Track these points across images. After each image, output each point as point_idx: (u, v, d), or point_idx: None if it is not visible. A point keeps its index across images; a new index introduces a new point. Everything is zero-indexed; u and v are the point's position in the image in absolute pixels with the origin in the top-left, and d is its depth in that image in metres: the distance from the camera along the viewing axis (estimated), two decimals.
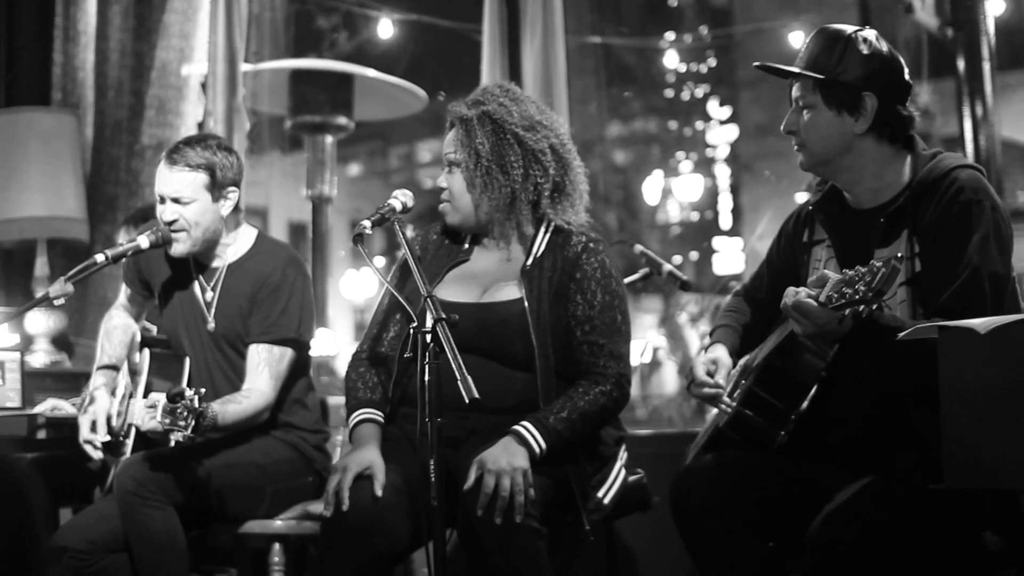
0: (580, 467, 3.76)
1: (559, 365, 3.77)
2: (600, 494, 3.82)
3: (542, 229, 3.91)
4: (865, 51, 3.40)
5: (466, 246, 3.99)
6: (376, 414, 3.84)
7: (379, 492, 3.58)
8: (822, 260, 3.55)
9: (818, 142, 3.44)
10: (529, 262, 3.85)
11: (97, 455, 4.32)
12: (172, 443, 3.97)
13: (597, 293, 3.81)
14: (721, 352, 3.72)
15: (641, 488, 4.23)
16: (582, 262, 3.83)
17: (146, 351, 4.43)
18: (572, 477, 3.71)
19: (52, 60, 6.72)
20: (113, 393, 4.46)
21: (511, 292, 3.83)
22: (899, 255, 2.99)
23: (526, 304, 3.77)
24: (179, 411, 3.70)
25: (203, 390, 3.77)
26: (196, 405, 3.72)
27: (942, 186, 3.34)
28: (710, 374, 3.64)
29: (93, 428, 4.30)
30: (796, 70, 3.44)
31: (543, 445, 3.60)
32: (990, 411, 2.77)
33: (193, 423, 3.71)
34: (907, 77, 3.46)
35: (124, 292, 4.69)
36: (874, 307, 2.98)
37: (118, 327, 4.64)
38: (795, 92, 3.48)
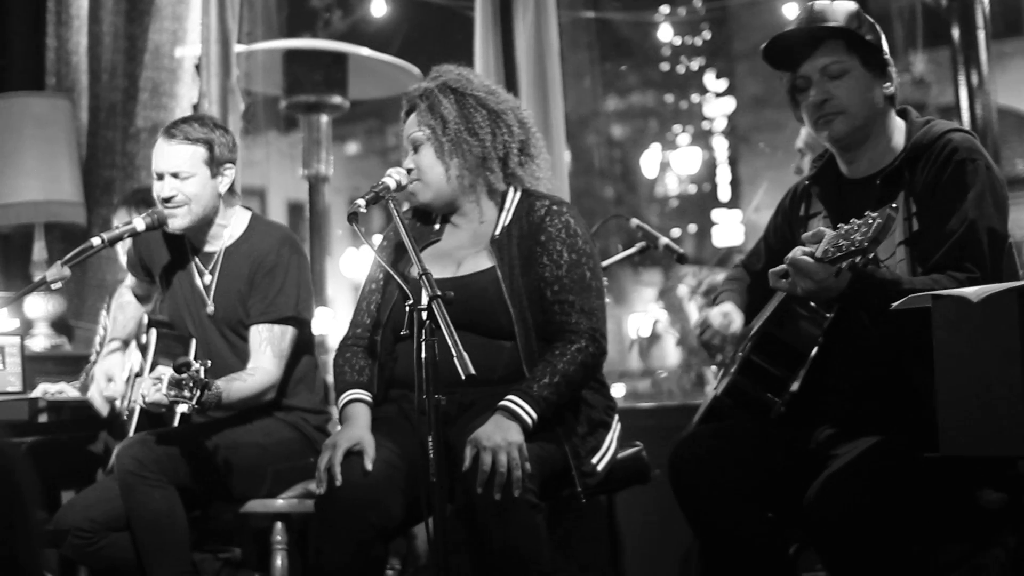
0: (569, 427, 3.78)
1: (539, 330, 3.80)
2: (594, 460, 3.83)
3: (509, 196, 3.95)
4: (870, 19, 3.44)
5: (436, 226, 4.02)
6: (364, 394, 3.87)
7: (369, 467, 3.61)
8: None
9: (860, 106, 3.44)
10: (498, 231, 3.89)
11: (105, 409, 4.35)
12: (177, 415, 4.00)
13: (563, 253, 3.83)
14: (731, 306, 3.73)
15: (640, 460, 4.23)
16: (546, 224, 3.86)
17: (152, 331, 4.44)
18: (563, 438, 3.74)
19: (45, 44, 6.71)
20: (125, 349, 4.50)
21: (483, 262, 3.87)
22: (894, 205, 3.00)
23: (498, 272, 3.81)
24: (184, 382, 3.71)
25: (208, 362, 3.79)
26: (202, 376, 3.73)
27: (936, 147, 3.38)
28: (723, 326, 3.68)
29: (109, 382, 4.35)
30: (835, 26, 3.42)
31: (534, 416, 3.62)
32: (984, 379, 2.78)
33: (198, 394, 3.72)
34: None
35: (129, 276, 4.71)
36: (870, 256, 2.99)
37: (130, 303, 4.68)
38: (820, 62, 3.45)
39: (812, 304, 3.44)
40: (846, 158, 3.54)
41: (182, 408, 3.77)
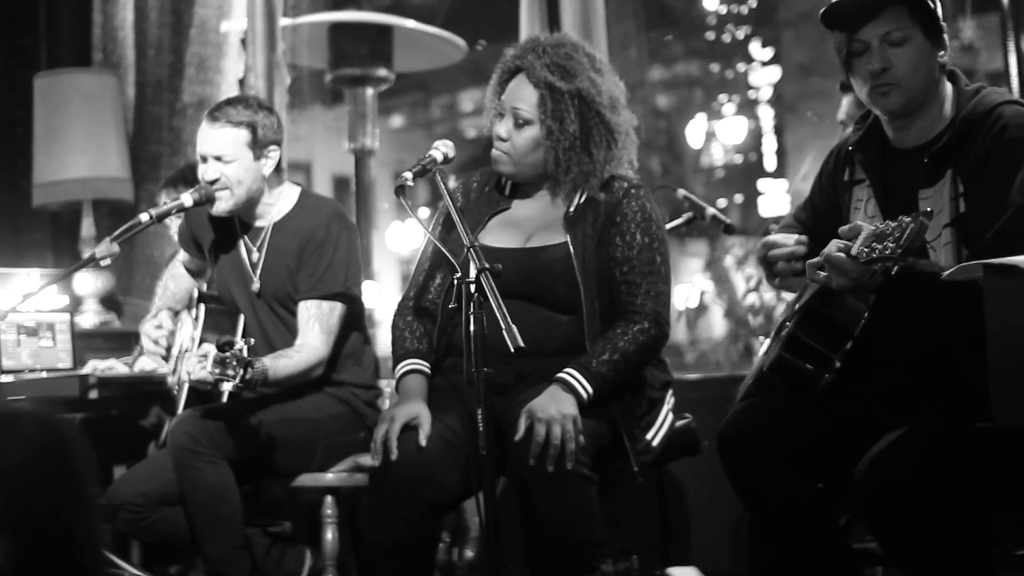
0: (627, 406, 3.78)
1: (603, 309, 3.78)
2: (648, 436, 3.83)
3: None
4: None
5: (507, 194, 3.99)
6: (423, 365, 3.86)
7: (423, 442, 3.61)
8: (863, 200, 3.50)
9: (917, 76, 3.33)
10: (572, 208, 3.86)
11: (154, 349, 4.37)
12: (224, 394, 4.01)
13: (636, 235, 3.81)
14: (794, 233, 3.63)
15: (690, 432, 4.23)
16: (623, 206, 3.83)
17: (202, 306, 4.47)
18: (620, 417, 3.73)
19: (92, 20, 6.75)
20: (176, 315, 4.53)
21: (555, 237, 3.84)
22: (928, 210, 2.94)
23: (571, 248, 3.78)
24: (228, 360, 3.73)
25: (252, 340, 3.80)
26: (245, 355, 3.74)
27: (986, 123, 3.28)
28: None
29: (159, 328, 4.40)
30: None
31: (589, 390, 3.61)
32: None
33: (242, 372, 3.74)
34: None
35: (181, 253, 4.73)
36: (903, 263, 2.94)
37: (183, 275, 4.72)
38: (881, 28, 3.32)
39: None
40: (895, 125, 3.46)
41: (226, 386, 3.79)
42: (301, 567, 4.59)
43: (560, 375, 3.63)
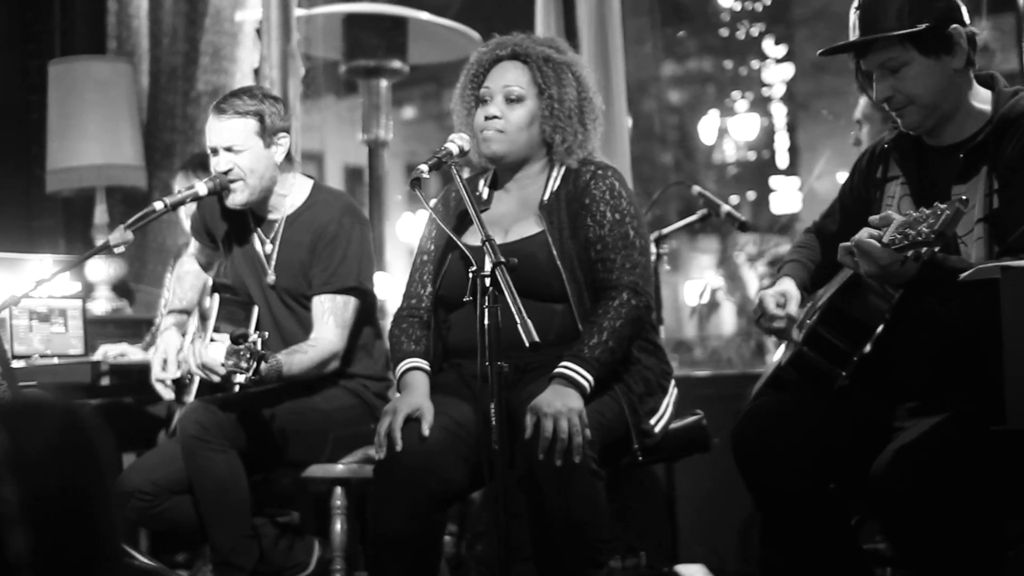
0: (626, 384, 3.81)
1: (590, 291, 3.82)
2: (652, 421, 3.83)
3: (556, 166, 3.96)
4: None
5: (484, 195, 4.04)
6: (422, 363, 3.89)
7: (426, 432, 3.63)
8: (895, 197, 3.49)
9: (927, 94, 3.32)
10: (546, 196, 3.90)
11: (168, 394, 4.38)
12: (236, 387, 4.01)
13: (606, 213, 3.84)
14: (789, 285, 3.66)
15: (701, 429, 4.22)
16: (591, 188, 3.87)
17: (216, 296, 4.47)
18: (621, 395, 3.75)
19: (106, 8, 6.74)
20: (183, 335, 4.51)
21: (532, 227, 3.89)
22: (964, 197, 2.93)
23: (548, 236, 3.82)
24: (241, 352, 3.72)
25: (266, 334, 3.79)
26: (259, 348, 3.74)
27: (1022, 122, 3.28)
28: (780, 306, 3.58)
29: (164, 367, 4.35)
30: (884, 36, 3.31)
31: (589, 379, 3.64)
32: None
33: (255, 365, 3.73)
34: None
35: (193, 243, 4.73)
36: (936, 249, 2.94)
37: (190, 272, 4.70)
38: (876, 60, 3.35)
39: None
40: (929, 135, 3.46)
41: (238, 379, 3.78)
42: (310, 558, 4.59)
43: (559, 370, 3.65)
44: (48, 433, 1.71)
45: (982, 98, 3.40)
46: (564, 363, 3.66)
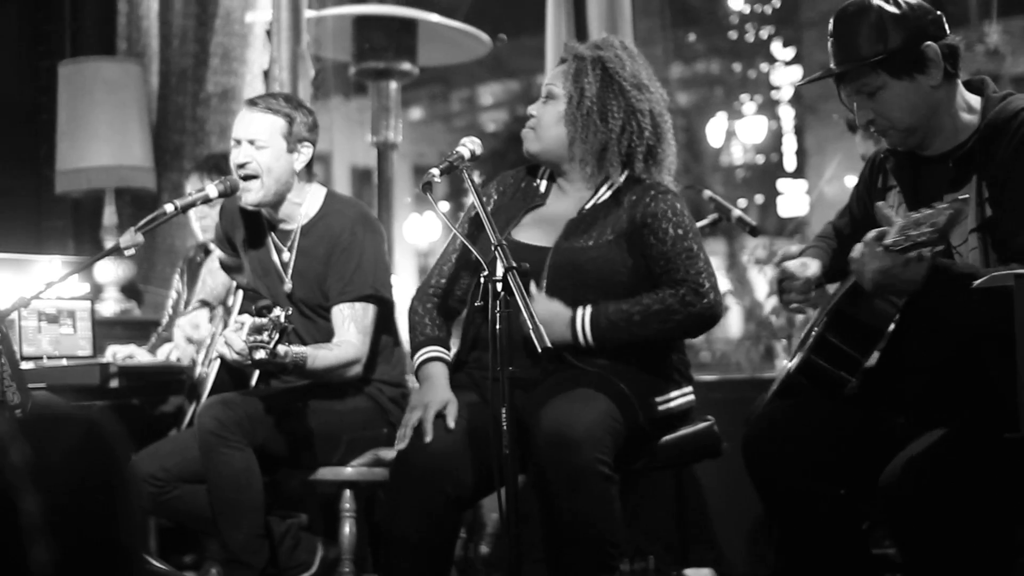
0: (635, 369, 3.79)
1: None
2: (657, 399, 3.82)
3: (619, 177, 3.91)
4: (895, 10, 3.27)
5: (542, 190, 4.00)
6: (444, 353, 3.89)
7: (452, 424, 3.66)
8: (894, 206, 3.48)
9: (905, 115, 3.31)
10: (589, 205, 3.89)
11: (188, 352, 4.38)
12: (254, 376, 3.99)
13: (668, 230, 3.81)
14: (811, 259, 3.66)
15: (712, 435, 4.21)
16: (652, 208, 3.83)
17: (240, 292, 4.49)
18: (630, 378, 3.74)
19: (117, 9, 6.75)
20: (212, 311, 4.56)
21: (585, 236, 3.85)
22: (964, 196, 2.93)
23: (588, 245, 3.81)
24: (265, 326, 3.70)
25: (290, 309, 3.78)
26: (282, 320, 3.70)
27: (1011, 127, 3.24)
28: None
29: (196, 329, 4.49)
30: (850, 67, 3.31)
31: (589, 338, 3.68)
32: None
33: (276, 336, 3.70)
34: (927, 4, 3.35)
35: (217, 251, 4.74)
36: (938, 248, 2.93)
37: (219, 269, 4.74)
38: (851, 87, 3.35)
39: None
40: (924, 144, 3.45)
41: (259, 355, 3.72)
42: (313, 558, 4.58)
43: (575, 311, 3.68)
44: (70, 445, 1.70)
45: (972, 105, 3.37)
46: (583, 308, 3.70)
